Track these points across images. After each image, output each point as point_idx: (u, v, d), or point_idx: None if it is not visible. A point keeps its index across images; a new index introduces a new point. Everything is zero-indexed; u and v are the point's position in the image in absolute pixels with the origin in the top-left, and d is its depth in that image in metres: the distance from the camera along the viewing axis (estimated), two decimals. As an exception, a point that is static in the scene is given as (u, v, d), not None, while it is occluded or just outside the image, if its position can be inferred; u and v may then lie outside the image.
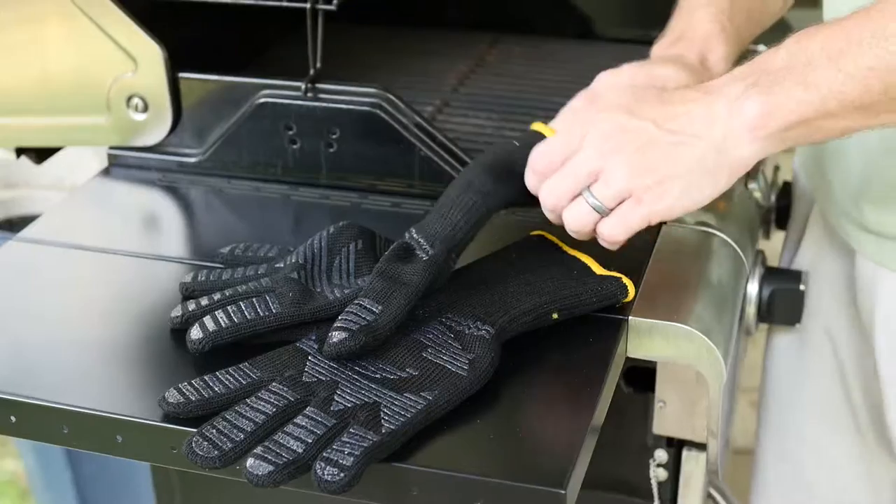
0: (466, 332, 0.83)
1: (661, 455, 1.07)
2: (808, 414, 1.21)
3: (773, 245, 1.48)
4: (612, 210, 0.86)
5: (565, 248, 0.93)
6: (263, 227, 1.06)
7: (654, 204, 0.84)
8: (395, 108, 1.05)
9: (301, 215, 1.07)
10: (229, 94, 1.08)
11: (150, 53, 1.06)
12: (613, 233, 0.86)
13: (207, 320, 0.84)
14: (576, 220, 0.87)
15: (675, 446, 1.07)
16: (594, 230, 0.88)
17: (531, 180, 0.90)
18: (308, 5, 1.04)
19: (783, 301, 1.13)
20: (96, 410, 0.79)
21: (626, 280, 0.89)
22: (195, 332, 0.84)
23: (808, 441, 1.22)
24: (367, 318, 0.81)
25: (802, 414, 1.22)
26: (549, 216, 0.90)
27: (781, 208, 1.31)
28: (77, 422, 0.80)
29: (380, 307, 0.81)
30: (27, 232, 1.02)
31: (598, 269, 0.90)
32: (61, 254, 0.99)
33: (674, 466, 1.08)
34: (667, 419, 1.04)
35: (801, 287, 1.13)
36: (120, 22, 1.06)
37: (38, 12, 1.07)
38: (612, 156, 0.84)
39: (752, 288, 1.12)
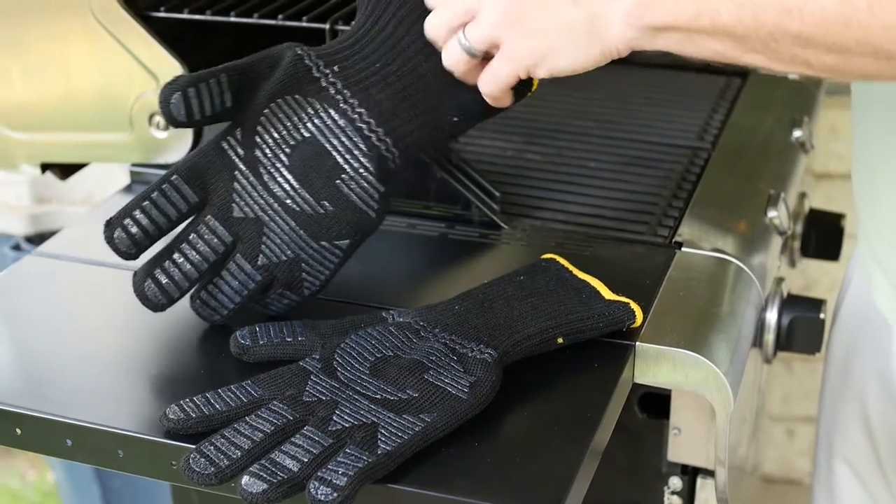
0: (469, 354, 0.83)
1: (675, 482, 1.07)
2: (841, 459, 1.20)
3: (812, 272, 1.47)
4: (482, 54, 0.86)
5: (575, 271, 0.93)
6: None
7: (520, 59, 0.84)
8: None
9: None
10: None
11: (171, 71, 1.07)
12: (488, 88, 0.87)
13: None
14: (448, 58, 0.88)
15: (690, 474, 1.06)
16: (472, 79, 0.88)
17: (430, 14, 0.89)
18: (327, 26, 1.05)
19: (803, 329, 1.12)
20: (98, 424, 0.80)
21: (634, 305, 0.89)
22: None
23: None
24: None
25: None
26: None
27: (807, 236, 1.31)
28: (79, 435, 0.80)
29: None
30: (46, 246, 1.03)
31: (606, 294, 0.90)
32: (78, 269, 1.00)
33: (688, 494, 1.07)
34: (681, 446, 1.04)
35: (822, 315, 1.12)
36: (142, 40, 1.07)
37: (63, 30, 1.09)
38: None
39: (771, 316, 1.11)
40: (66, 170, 1.18)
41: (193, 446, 0.75)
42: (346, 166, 0.89)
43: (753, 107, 1.31)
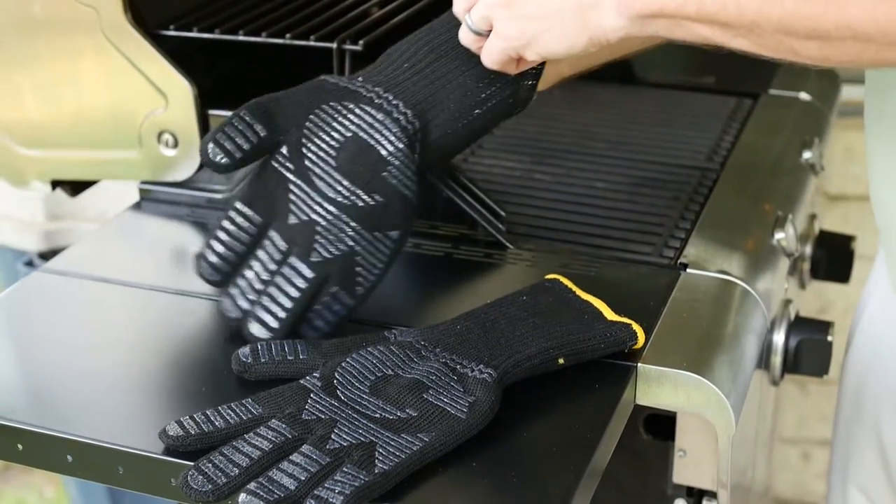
0: (469, 374, 0.83)
1: (680, 504, 1.06)
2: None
3: (828, 295, 1.46)
4: (486, 32, 0.90)
5: (579, 292, 0.93)
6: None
7: (510, 39, 0.88)
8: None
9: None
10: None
11: (180, 90, 1.08)
12: (484, 60, 0.91)
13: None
14: (461, 35, 0.93)
15: (696, 496, 1.05)
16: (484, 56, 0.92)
17: None
18: (334, 45, 1.06)
19: (810, 352, 1.12)
20: (98, 441, 0.80)
21: (636, 326, 0.89)
22: None
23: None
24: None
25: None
26: None
27: (817, 258, 1.30)
28: (80, 452, 0.81)
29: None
30: (53, 263, 1.04)
31: (609, 315, 0.90)
32: (83, 285, 1.01)
33: (694, 516, 1.06)
34: (686, 468, 1.03)
35: (829, 338, 1.12)
36: (151, 59, 1.07)
37: (74, 48, 1.09)
38: None
39: (778, 338, 1.11)
40: (76, 187, 1.19)
41: (192, 463, 0.76)
42: (389, 158, 0.92)
43: (764, 128, 1.31)
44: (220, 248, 0.92)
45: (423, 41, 0.96)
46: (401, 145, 0.92)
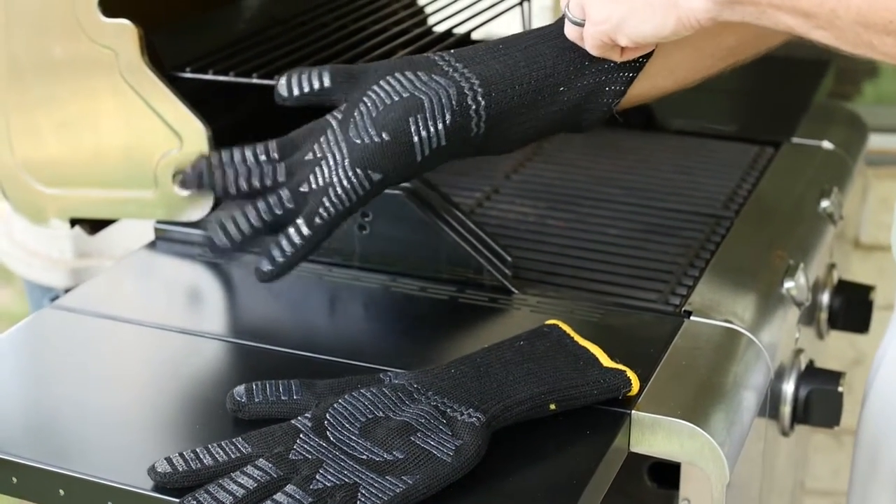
0: (458, 417, 0.83)
1: (685, 554, 1.05)
2: None
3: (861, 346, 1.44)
4: (582, 21, 0.91)
5: (577, 338, 0.93)
6: (297, 305, 1.07)
7: (600, 22, 0.89)
8: (426, 195, 1.06)
9: (334, 295, 1.08)
10: (270, 173, 1.10)
11: (194, 131, 1.09)
12: (587, 48, 0.93)
13: None
14: (566, 31, 0.94)
15: (700, 545, 1.05)
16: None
17: None
18: (345, 89, 1.07)
19: (821, 402, 1.11)
20: (88, 476, 0.81)
21: (630, 373, 0.89)
22: None
23: None
24: None
25: None
26: None
27: (835, 308, 1.29)
28: (71, 486, 0.82)
29: None
30: (64, 300, 1.06)
31: (605, 361, 0.90)
32: (90, 322, 1.02)
33: (699, 566, 1.05)
34: (691, 517, 1.03)
35: (840, 388, 1.11)
36: (167, 100, 1.09)
37: (92, 88, 1.11)
38: None
39: (788, 387, 1.10)
40: (94, 225, 1.20)
41: (178, 500, 0.76)
42: (427, 107, 0.92)
43: (783, 176, 1.30)
44: (234, 169, 0.94)
45: (528, 32, 0.97)
46: (444, 99, 0.92)
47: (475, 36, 1.36)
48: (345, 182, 0.92)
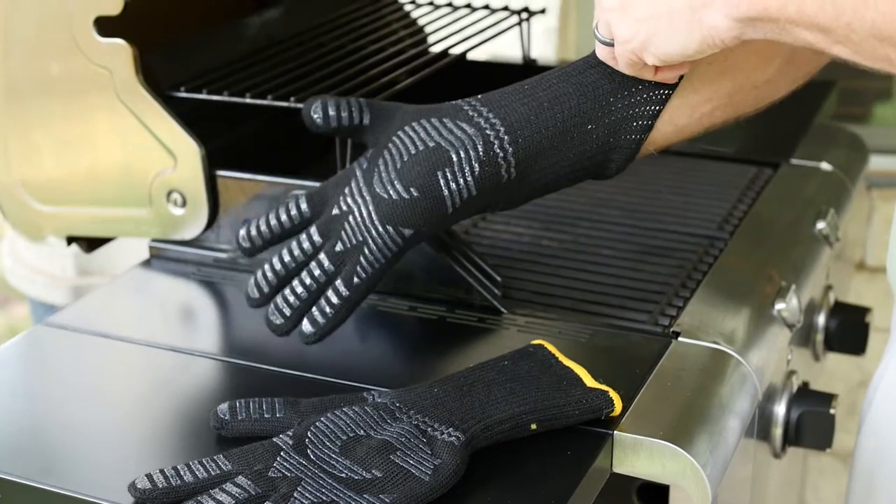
0: (439, 437, 0.83)
1: (674, 576, 1.05)
2: None
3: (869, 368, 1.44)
4: (611, 40, 0.91)
5: (561, 358, 0.93)
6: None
7: (627, 41, 0.89)
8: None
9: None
10: (264, 193, 1.11)
11: (188, 151, 1.10)
12: (619, 67, 0.93)
13: None
14: (598, 51, 0.95)
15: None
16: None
17: None
18: (336, 109, 1.07)
19: (812, 424, 1.11)
20: (71, 492, 0.82)
21: (613, 394, 0.89)
22: None
23: None
24: None
25: None
26: None
27: (831, 330, 1.29)
28: (54, 502, 0.82)
29: None
30: (55, 317, 1.06)
31: (589, 382, 0.90)
32: (81, 340, 1.03)
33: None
34: (680, 538, 1.02)
35: (832, 410, 1.11)
36: (161, 119, 1.10)
37: (88, 107, 1.12)
38: None
39: (779, 409, 1.10)
40: (91, 243, 1.21)
41: (157, 517, 0.77)
42: (454, 158, 0.93)
43: (779, 197, 1.30)
44: (263, 227, 0.98)
45: (552, 71, 0.97)
46: (471, 150, 0.93)
47: (475, 55, 1.37)
48: (378, 239, 0.94)
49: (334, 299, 0.95)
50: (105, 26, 1.09)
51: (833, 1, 0.79)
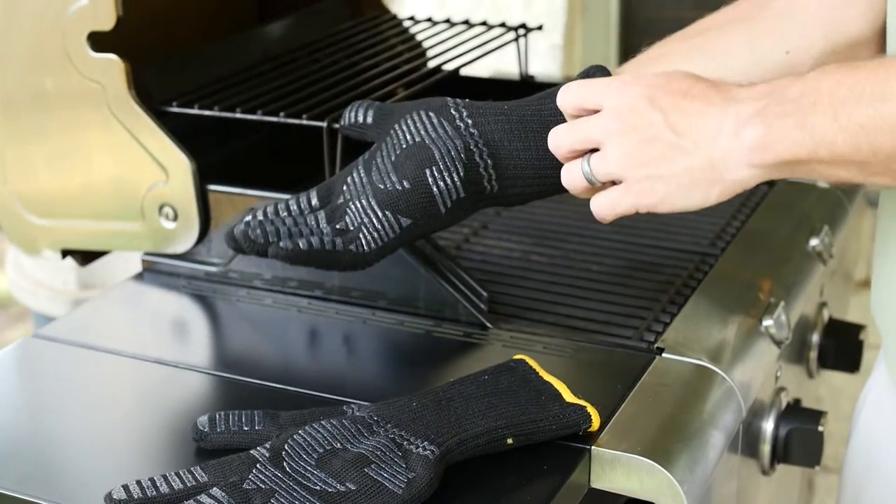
0: (414, 450, 0.83)
1: (660, 592, 1.05)
2: None
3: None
4: (602, 184, 0.89)
5: (542, 373, 0.93)
6: (275, 338, 1.08)
7: (641, 197, 0.88)
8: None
9: (313, 328, 1.09)
10: (255, 207, 1.12)
11: (180, 165, 1.11)
12: (602, 211, 0.91)
13: None
14: (568, 178, 0.92)
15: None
16: (586, 196, 0.92)
17: (558, 98, 0.93)
18: (325, 124, 1.08)
19: (801, 442, 1.11)
20: (47, 502, 0.83)
21: (591, 409, 0.89)
22: None
23: None
24: None
25: None
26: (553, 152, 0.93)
27: (825, 347, 1.29)
28: (31, 512, 0.83)
29: None
30: (46, 330, 1.07)
31: (568, 397, 0.90)
32: (69, 352, 1.04)
33: None
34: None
35: (820, 428, 1.10)
36: (153, 134, 1.11)
37: (82, 122, 1.14)
38: (616, 138, 0.87)
39: (767, 426, 1.10)
40: (86, 256, 1.23)
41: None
42: (439, 161, 0.96)
43: (773, 214, 1.30)
44: (270, 210, 0.99)
45: (529, 103, 0.98)
46: (455, 156, 0.96)
47: (473, 71, 1.38)
48: (375, 222, 0.96)
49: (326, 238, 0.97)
50: (98, 41, 1.10)
51: (868, 140, 0.79)
